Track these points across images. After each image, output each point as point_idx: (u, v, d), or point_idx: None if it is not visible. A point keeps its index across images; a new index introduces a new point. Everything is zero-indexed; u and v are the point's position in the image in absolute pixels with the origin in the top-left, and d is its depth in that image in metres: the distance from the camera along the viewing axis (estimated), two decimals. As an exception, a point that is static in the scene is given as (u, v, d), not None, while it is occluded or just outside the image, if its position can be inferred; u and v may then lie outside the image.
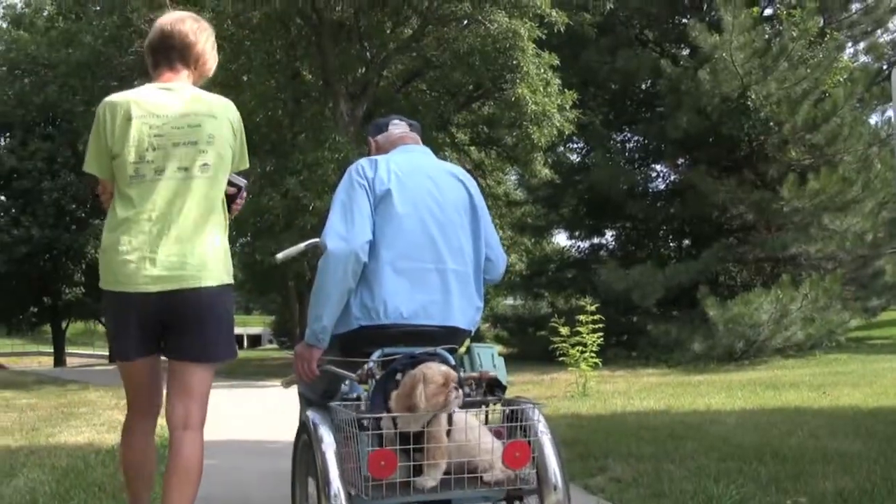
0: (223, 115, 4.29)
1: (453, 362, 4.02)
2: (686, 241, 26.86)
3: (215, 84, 23.78)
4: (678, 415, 10.14)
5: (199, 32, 4.49)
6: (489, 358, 4.29)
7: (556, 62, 23.10)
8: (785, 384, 13.62)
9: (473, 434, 3.75)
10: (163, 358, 4.35)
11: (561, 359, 14.28)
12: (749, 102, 21.22)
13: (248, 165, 4.48)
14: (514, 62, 22.10)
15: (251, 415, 12.37)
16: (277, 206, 21.96)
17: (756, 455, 6.82)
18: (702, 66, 21.55)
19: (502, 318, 32.66)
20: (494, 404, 4.13)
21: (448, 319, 4.14)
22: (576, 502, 5.54)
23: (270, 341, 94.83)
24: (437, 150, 24.82)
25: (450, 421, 3.73)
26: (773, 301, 19.66)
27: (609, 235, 29.22)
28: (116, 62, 26.66)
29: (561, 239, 62.46)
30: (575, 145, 29.97)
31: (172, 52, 4.39)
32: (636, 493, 5.80)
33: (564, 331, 13.79)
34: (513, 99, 22.70)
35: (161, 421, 4.42)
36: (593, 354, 13.80)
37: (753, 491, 5.62)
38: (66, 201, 45.47)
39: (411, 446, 3.63)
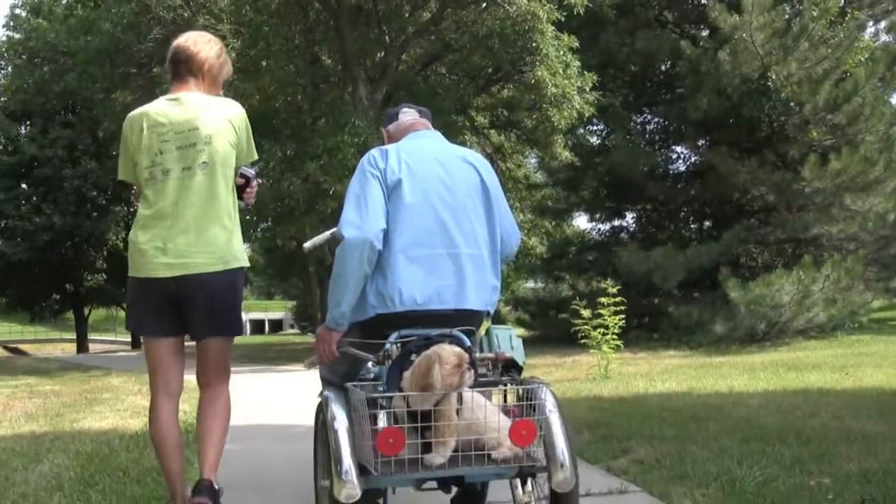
0: (221, 115, 4.81)
1: (468, 343, 4.09)
2: (707, 223, 26.81)
3: (235, 70, 23.84)
4: (700, 396, 10.13)
5: (203, 44, 5.03)
6: (507, 339, 4.47)
7: (576, 44, 23.05)
8: (807, 365, 13.59)
9: (483, 413, 3.87)
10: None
11: (582, 341, 14.30)
12: (769, 83, 21.14)
13: (255, 157, 5.05)
14: (534, 45, 22.04)
15: (273, 399, 12.40)
16: (298, 190, 21.97)
17: (779, 436, 6.81)
18: (722, 47, 21.49)
19: (523, 301, 32.65)
20: (508, 384, 4.25)
21: (462, 303, 4.23)
22: (599, 484, 5.61)
23: (292, 326, 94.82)
24: (457, 134, 24.88)
25: (459, 399, 3.84)
26: (794, 282, 19.64)
27: (630, 217, 29.21)
28: (135, 49, 26.63)
29: (581, 221, 62.29)
30: (595, 127, 29.90)
31: (180, 66, 4.96)
32: (659, 475, 5.79)
33: (586, 313, 13.79)
34: (532, 81, 22.65)
35: (183, 406, 4.85)
36: (615, 337, 13.80)
37: (777, 472, 5.60)
38: (87, 188, 45.64)
39: (419, 424, 3.73)
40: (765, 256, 25.20)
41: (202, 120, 4.74)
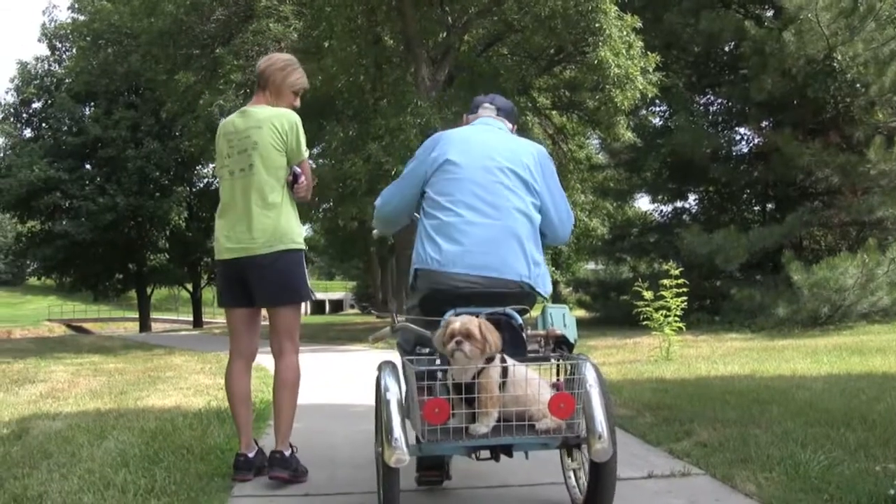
0: (267, 124, 5.72)
1: (519, 321, 4.62)
2: (770, 205, 26.53)
3: (297, 51, 23.94)
4: (763, 379, 10.05)
5: (272, 62, 5.98)
6: (560, 317, 4.83)
7: (639, 24, 22.93)
8: (871, 349, 13.45)
9: (529, 386, 4.25)
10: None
11: (644, 323, 14.24)
12: (835, 64, 20.90)
13: (304, 157, 5.90)
14: (597, 25, 21.96)
15: (334, 379, 12.45)
16: (360, 171, 22.01)
17: (843, 420, 6.74)
18: (787, 28, 21.22)
19: (584, 282, 32.62)
20: (555, 360, 4.64)
21: (488, 269, 4.69)
22: (661, 466, 5.64)
23: (352, 306, 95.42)
24: (519, 115, 24.75)
25: (505, 373, 4.23)
26: (858, 265, 19.45)
27: (692, 199, 29.00)
28: (198, 30, 26.90)
29: (643, 203, 61.96)
30: (657, 108, 29.73)
31: (257, 83, 6.01)
32: (722, 458, 5.77)
33: (648, 295, 13.73)
34: (595, 62, 22.54)
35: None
36: (677, 319, 13.73)
37: (842, 457, 5.56)
38: (149, 169, 46.21)
39: (463, 396, 4.16)
40: (828, 239, 25.00)
41: (253, 129, 5.73)
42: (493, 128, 5.19)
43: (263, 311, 6.03)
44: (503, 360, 4.28)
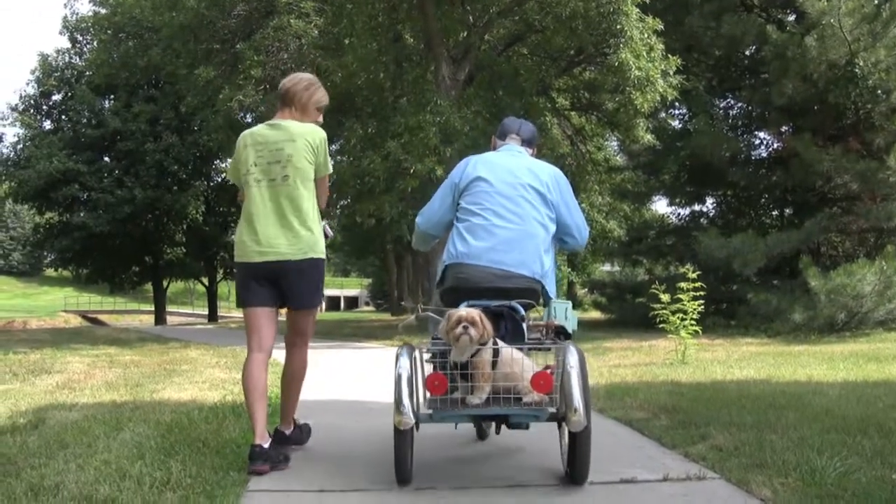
0: (300, 138, 6.15)
1: (522, 313, 5.44)
2: (788, 210, 26.45)
3: (318, 48, 23.94)
4: (779, 385, 10.03)
5: (297, 82, 6.41)
6: (563, 311, 5.62)
7: (660, 27, 22.88)
8: (888, 357, 13.40)
9: (515, 365, 5.09)
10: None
11: (660, 325, 14.20)
12: (857, 69, 20.81)
13: (330, 171, 6.43)
14: (618, 27, 21.93)
15: (350, 375, 12.48)
16: (378, 168, 22.02)
17: (860, 428, 6.72)
18: (809, 32, 21.15)
19: (600, 284, 32.53)
20: (550, 346, 5.38)
21: (501, 263, 5.56)
22: (677, 469, 5.64)
23: (367, 303, 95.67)
24: (538, 115, 24.90)
25: (496, 354, 5.05)
26: (876, 272, 19.37)
27: (710, 203, 28.90)
28: (219, 25, 26.93)
29: (661, 206, 61.79)
30: (677, 111, 29.69)
31: (281, 100, 6.39)
32: (738, 463, 5.74)
33: (665, 297, 13.69)
34: (616, 64, 22.51)
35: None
36: (693, 322, 13.69)
37: (858, 464, 5.52)
38: (168, 162, 46.43)
39: (458, 371, 5.07)
40: (846, 245, 24.93)
41: (286, 143, 6.12)
42: (514, 152, 6.13)
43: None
44: (494, 344, 5.08)
